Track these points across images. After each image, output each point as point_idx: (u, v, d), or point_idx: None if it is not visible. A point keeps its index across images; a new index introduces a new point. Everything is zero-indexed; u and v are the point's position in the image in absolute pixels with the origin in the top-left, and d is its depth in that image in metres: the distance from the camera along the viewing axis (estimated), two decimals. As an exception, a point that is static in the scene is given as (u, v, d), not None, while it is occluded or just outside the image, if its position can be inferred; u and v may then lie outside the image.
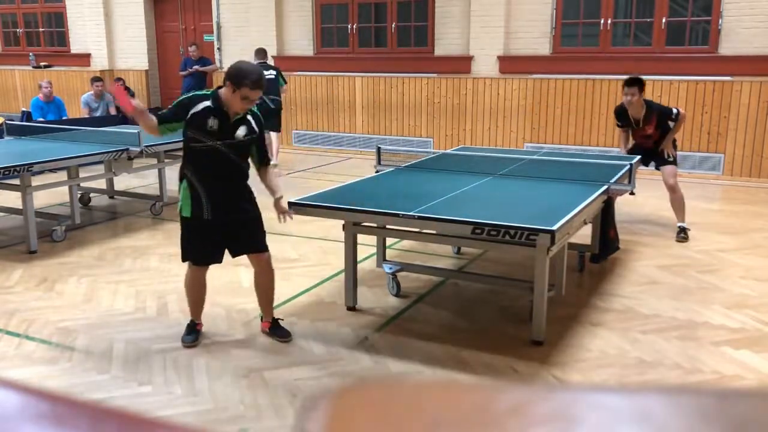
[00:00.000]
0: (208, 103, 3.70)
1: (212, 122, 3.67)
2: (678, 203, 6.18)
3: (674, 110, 6.31)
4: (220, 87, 3.78)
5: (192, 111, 3.69)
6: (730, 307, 4.55)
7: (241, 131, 3.76)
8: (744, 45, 8.66)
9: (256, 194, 3.97)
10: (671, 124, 6.24)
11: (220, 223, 3.78)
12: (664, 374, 3.65)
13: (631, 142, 6.48)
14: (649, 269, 5.33)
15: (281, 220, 3.96)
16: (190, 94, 3.81)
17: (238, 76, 3.60)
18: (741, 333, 4.15)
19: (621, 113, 6.38)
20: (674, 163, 6.31)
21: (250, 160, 3.91)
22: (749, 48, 8.64)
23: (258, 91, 3.65)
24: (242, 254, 3.97)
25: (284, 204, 3.95)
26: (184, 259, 3.94)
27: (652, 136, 6.25)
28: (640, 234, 6.31)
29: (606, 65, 9.43)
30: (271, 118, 9.08)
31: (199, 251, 3.88)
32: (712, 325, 4.27)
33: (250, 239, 3.91)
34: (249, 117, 3.81)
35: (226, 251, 3.93)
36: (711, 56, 8.90)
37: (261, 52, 10.24)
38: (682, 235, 6.09)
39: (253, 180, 3.93)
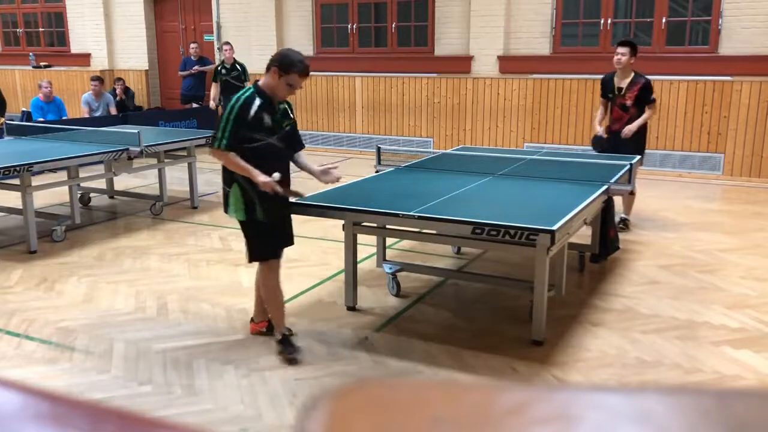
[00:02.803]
0: (259, 99, 3.61)
1: (267, 118, 3.63)
2: (630, 198, 6.27)
3: (653, 94, 6.33)
4: (256, 81, 3.71)
5: (251, 112, 3.59)
6: (730, 307, 4.55)
7: (285, 121, 3.77)
8: (744, 45, 8.66)
9: None
10: (647, 108, 6.22)
11: (274, 218, 3.74)
12: (664, 374, 3.65)
13: (606, 121, 6.44)
14: (649, 269, 5.33)
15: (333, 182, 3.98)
16: (241, 100, 3.60)
17: (287, 62, 3.55)
18: (741, 333, 4.15)
19: (607, 81, 6.43)
20: (641, 161, 6.25)
21: None
22: (749, 48, 8.64)
23: (304, 78, 3.62)
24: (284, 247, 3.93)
25: (334, 172, 3.94)
26: (253, 259, 3.80)
27: (629, 109, 6.20)
28: (640, 234, 6.31)
29: (606, 65, 9.37)
30: None
31: (268, 245, 3.79)
32: (712, 325, 4.27)
33: (288, 233, 3.92)
34: (284, 105, 3.81)
35: None
36: (711, 56, 8.90)
37: None
38: (621, 225, 6.21)
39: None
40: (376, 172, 5.34)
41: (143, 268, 5.38)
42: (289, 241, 3.96)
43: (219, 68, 10.38)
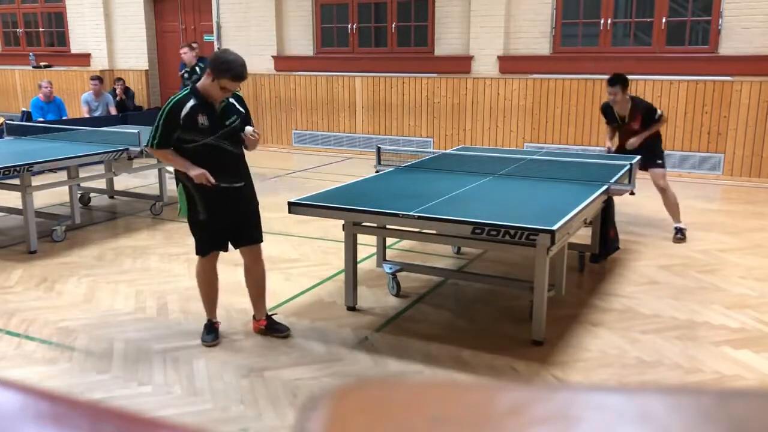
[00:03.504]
0: (192, 101, 3.68)
1: (202, 119, 3.68)
2: (671, 204, 6.18)
3: (658, 111, 6.27)
4: (196, 81, 3.82)
5: (182, 114, 3.66)
6: (730, 307, 4.55)
7: (231, 118, 3.80)
8: (744, 45, 8.66)
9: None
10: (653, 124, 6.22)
11: (219, 219, 3.83)
12: (664, 374, 3.65)
13: (616, 141, 6.44)
14: (649, 269, 5.33)
15: (252, 137, 3.86)
16: (172, 101, 3.71)
17: (219, 67, 3.60)
18: (741, 333, 4.15)
19: (607, 110, 6.36)
20: (662, 165, 6.29)
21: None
22: (749, 48, 8.64)
23: (237, 83, 3.65)
24: (239, 246, 3.99)
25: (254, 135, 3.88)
26: (196, 253, 3.96)
27: (638, 132, 6.20)
28: (640, 234, 6.31)
29: (606, 65, 9.40)
30: None
31: (204, 244, 3.91)
32: (712, 325, 4.27)
33: (246, 232, 3.95)
34: (231, 99, 3.84)
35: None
36: (711, 56, 8.90)
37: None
38: (680, 235, 6.09)
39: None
40: (376, 172, 5.34)
41: (143, 268, 5.38)
42: (245, 240, 3.98)
43: (182, 72, 9.64)
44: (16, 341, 4.02)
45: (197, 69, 9.08)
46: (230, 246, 3.99)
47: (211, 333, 4.00)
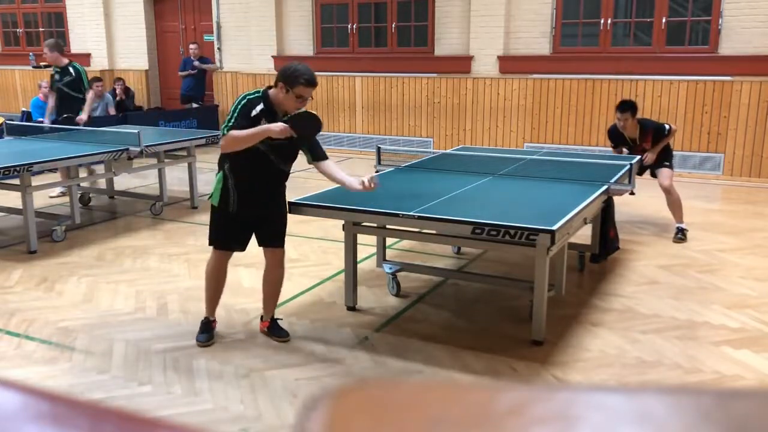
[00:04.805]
0: (261, 105, 3.67)
1: (263, 124, 3.65)
2: (675, 205, 6.20)
3: (666, 126, 6.40)
4: (269, 87, 3.76)
5: (252, 114, 3.65)
6: (730, 307, 4.55)
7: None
8: (744, 45, 8.66)
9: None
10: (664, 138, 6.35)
11: (245, 216, 3.82)
12: (664, 374, 3.65)
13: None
14: (649, 269, 5.33)
15: (371, 187, 3.77)
16: (246, 99, 3.69)
17: (291, 76, 3.61)
18: (741, 333, 4.15)
19: (615, 134, 6.46)
20: (670, 166, 6.34)
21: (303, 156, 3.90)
22: (749, 48, 8.63)
23: (311, 89, 3.66)
24: (263, 245, 3.99)
25: (365, 180, 3.77)
26: (209, 243, 3.97)
27: (650, 149, 6.32)
28: (640, 234, 6.31)
29: (606, 65, 9.43)
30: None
31: (223, 237, 3.91)
32: (712, 325, 4.27)
33: (269, 232, 3.95)
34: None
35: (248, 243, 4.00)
36: (711, 56, 8.90)
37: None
38: (680, 235, 6.10)
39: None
40: (376, 172, 5.34)
41: (143, 268, 5.38)
42: (270, 240, 3.98)
43: (53, 74, 8.12)
44: (16, 341, 4.02)
45: (70, 69, 7.91)
46: (236, 248, 3.98)
47: (205, 332, 4.00)
